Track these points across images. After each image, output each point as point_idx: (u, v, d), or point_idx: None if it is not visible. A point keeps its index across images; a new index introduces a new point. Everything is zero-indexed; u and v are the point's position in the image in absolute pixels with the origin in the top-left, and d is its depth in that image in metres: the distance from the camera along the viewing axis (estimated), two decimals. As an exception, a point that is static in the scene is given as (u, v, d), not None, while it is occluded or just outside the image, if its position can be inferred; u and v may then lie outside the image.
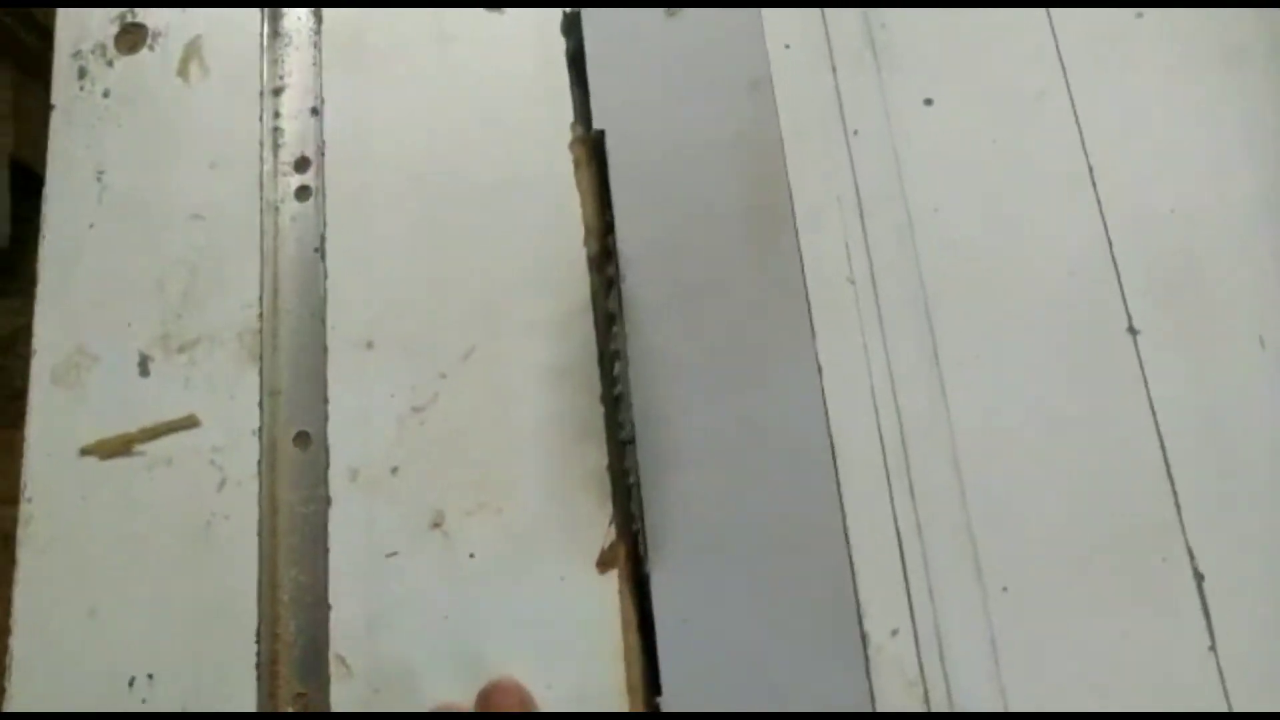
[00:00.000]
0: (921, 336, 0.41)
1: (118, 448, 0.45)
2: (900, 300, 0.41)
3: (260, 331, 0.46)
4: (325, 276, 0.45)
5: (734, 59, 0.46)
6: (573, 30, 0.46)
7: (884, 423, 0.40)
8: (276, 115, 0.49)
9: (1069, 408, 0.38)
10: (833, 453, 0.39)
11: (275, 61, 0.50)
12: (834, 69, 0.43)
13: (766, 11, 0.45)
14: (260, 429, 0.44)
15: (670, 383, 0.40)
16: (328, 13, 0.49)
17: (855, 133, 0.42)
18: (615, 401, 0.41)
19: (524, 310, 0.43)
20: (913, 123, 0.43)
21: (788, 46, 0.44)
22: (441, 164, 0.46)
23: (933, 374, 0.40)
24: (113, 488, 0.43)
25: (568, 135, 0.45)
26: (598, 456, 0.40)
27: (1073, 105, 0.41)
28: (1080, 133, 0.41)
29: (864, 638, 0.37)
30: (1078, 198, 0.41)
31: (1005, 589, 0.37)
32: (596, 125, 0.46)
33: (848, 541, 0.38)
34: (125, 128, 0.50)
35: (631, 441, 0.39)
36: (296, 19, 0.50)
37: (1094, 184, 0.40)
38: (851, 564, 0.38)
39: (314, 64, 0.49)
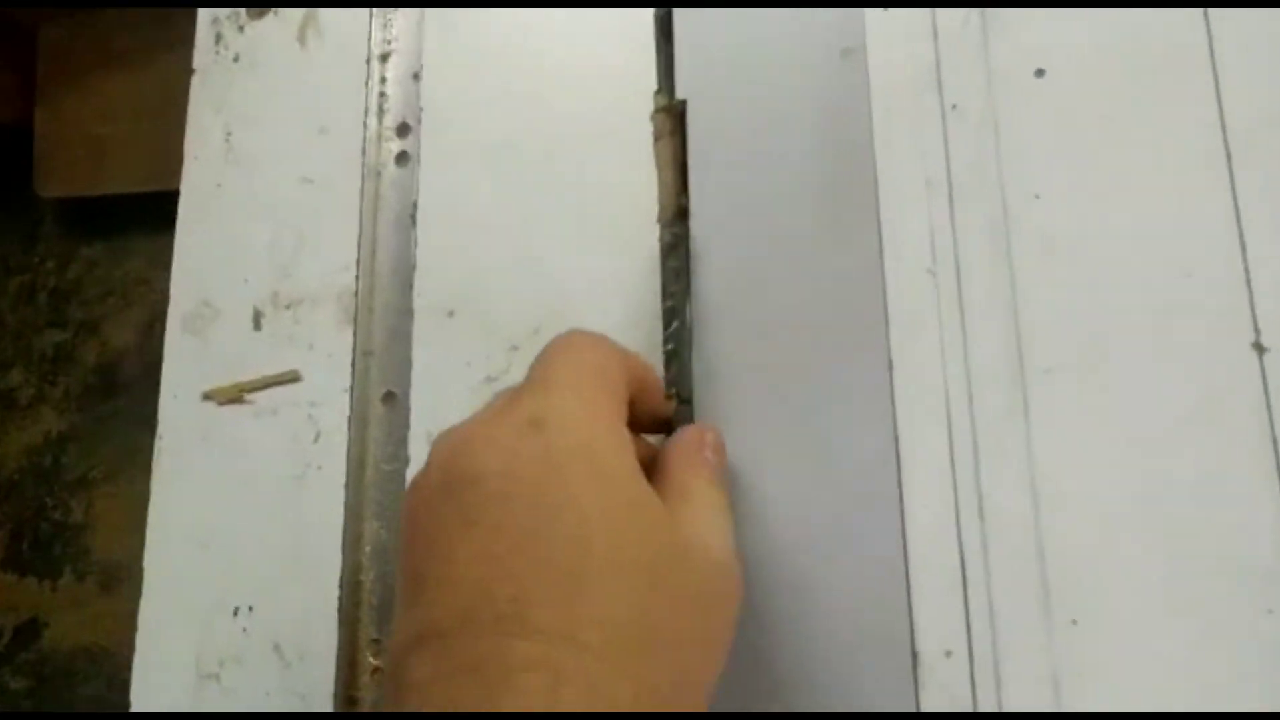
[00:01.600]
0: (1006, 339, 0.34)
1: (232, 395, 0.45)
2: (986, 297, 0.34)
3: (356, 294, 0.44)
4: (415, 244, 0.43)
5: (828, 21, 0.38)
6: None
7: (956, 431, 0.33)
8: (383, 80, 0.44)
9: (1172, 431, 0.31)
10: (897, 456, 0.33)
11: (385, 25, 0.44)
12: (935, 33, 0.34)
13: None
14: (351, 387, 0.43)
15: (733, 372, 0.36)
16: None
17: (954, 107, 0.33)
18: (675, 379, 0.36)
19: (593, 288, 0.40)
20: (1020, 97, 0.35)
21: (886, 7, 0.34)
22: (530, 134, 0.42)
23: (1015, 381, 0.33)
24: (227, 432, 0.44)
25: (648, 101, 0.37)
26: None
27: (1215, 73, 0.30)
28: (1220, 107, 0.30)
29: (915, 656, 0.31)
30: (1208, 186, 0.32)
31: (1075, 622, 0.31)
32: (680, 94, 0.39)
33: (906, 552, 0.33)
34: (250, 92, 0.48)
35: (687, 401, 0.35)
36: None
37: (1230, 170, 0.29)
38: (908, 576, 0.32)
39: (419, 27, 0.43)
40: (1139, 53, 0.33)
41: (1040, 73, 0.33)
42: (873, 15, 0.37)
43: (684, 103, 0.38)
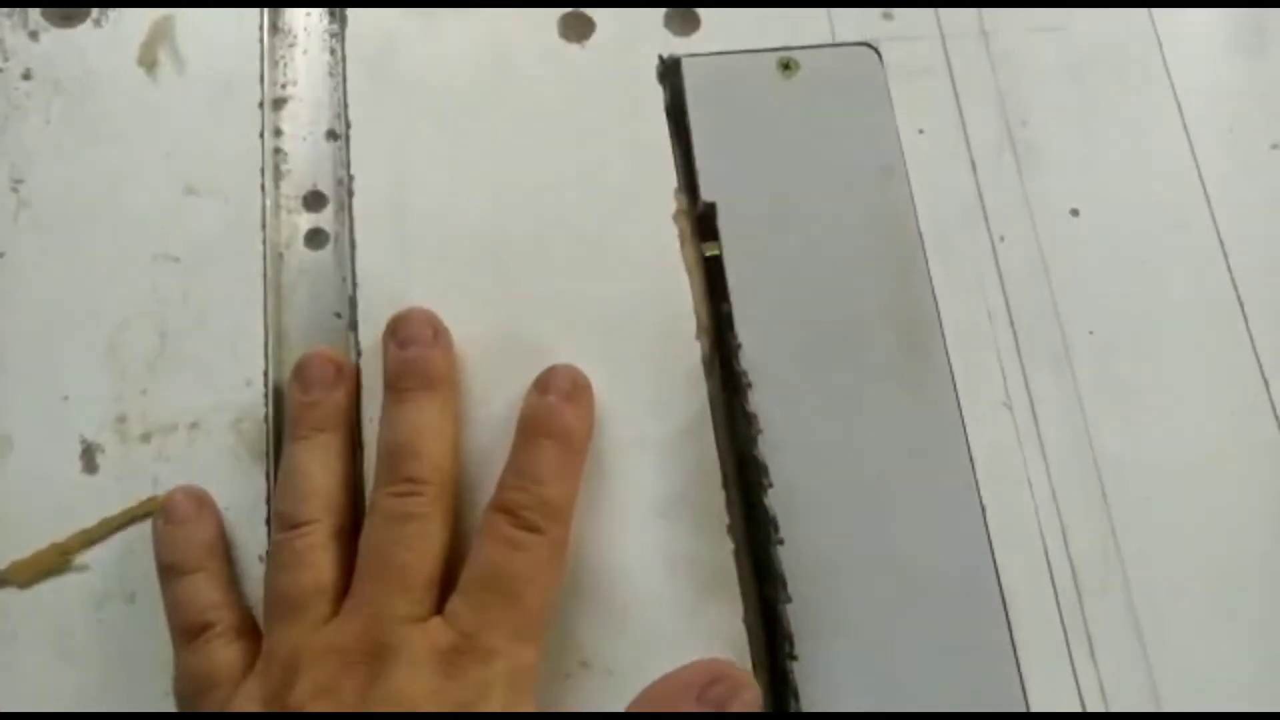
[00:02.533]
0: (1088, 476, 0.34)
1: (48, 564, 0.30)
2: (1063, 435, 0.34)
3: (267, 419, 0.32)
4: (357, 352, 0.31)
5: (862, 135, 0.36)
6: (671, 77, 0.32)
7: (1055, 564, 0.32)
8: (278, 134, 0.31)
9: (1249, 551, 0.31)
10: (1000, 590, 0.31)
11: (276, 64, 0.32)
12: (973, 164, 0.32)
13: (894, 84, 0.32)
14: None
15: (814, 520, 0.31)
16: (355, 14, 0.35)
17: (1002, 239, 0.31)
18: (752, 532, 0.31)
19: (629, 423, 0.31)
20: (1061, 233, 0.35)
21: (921, 131, 0.33)
22: (514, 224, 0.34)
23: (1103, 521, 0.33)
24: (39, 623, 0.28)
25: (668, 200, 0.30)
26: (732, 611, 0.30)
27: (1220, 240, 0.31)
28: (1229, 269, 0.31)
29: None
30: (1229, 332, 0.35)
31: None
32: (705, 195, 0.34)
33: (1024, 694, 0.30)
34: (54, 125, 0.34)
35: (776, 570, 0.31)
36: (307, 15, 0.32)
37: (1246, 320, 0.31)
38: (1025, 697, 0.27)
39: (331, 74, 0.32)
40: (1156, 206, 0.36)
41: (1075, 212, 0.33)
42: (906, 132, 0.36)
43: (713, 206, 0.32)
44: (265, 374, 0.30)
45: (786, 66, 0.34)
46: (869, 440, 0.32)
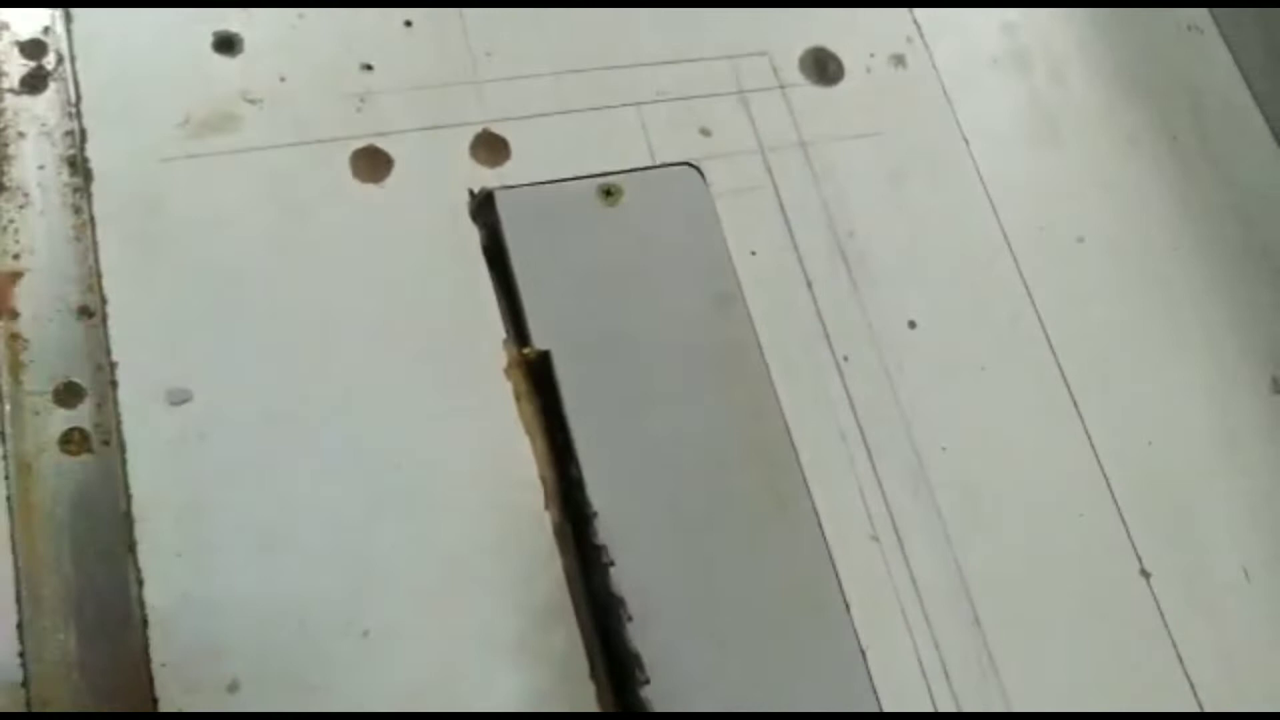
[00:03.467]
0: (959, 599, 0.33)
1: None
2: (932, 561, 0.33)
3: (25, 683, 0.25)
4: (138, 598, 0.26)
5: (695, 260, 0.34)
6: (484, 213, 0.29)
7: (939, 702, 0.31)
8: (14, 316, 0.25)
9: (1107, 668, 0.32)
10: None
11: (4, 230, 0.26)
12: (809, 282, 0.30)
13: (720, 204, 0.30)
14: None
15: (690, 686, 0.28)
16: (102, 163, 0.30)
17: (845, 359, 0.30)
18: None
19: (475, 618, 0.28)
20: (902, 347, 0.35)
21: (753, 253, 0.31)
22: (317, 396, 0.29)
23: (979, 643, 0.32)
24: None
25: (496, 353, 0.27)
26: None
27: (1046, 335, 0.31)
28: (1058, 362, 0.31)
29: None
30: (1068, 433, 0.35)
31: None
32: (536, 343, 0.31)
33: None
34: None
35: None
36: (40, 169, 0.26)
37: (1081, 417, 0.31)
38: None
39: (78, 239, 0.27)
40: (986, 307, 0.36)
41: (913, 324, 0.32)
42: (738, 254, 0.33)
43: (546, 354, 0.29)
44: (18, 629, 0.23)
45: (609, 193, 0.31)
46: (741, 601, 0.30)
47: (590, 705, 0.26)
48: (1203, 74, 0.39)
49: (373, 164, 0.30)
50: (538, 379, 0.30)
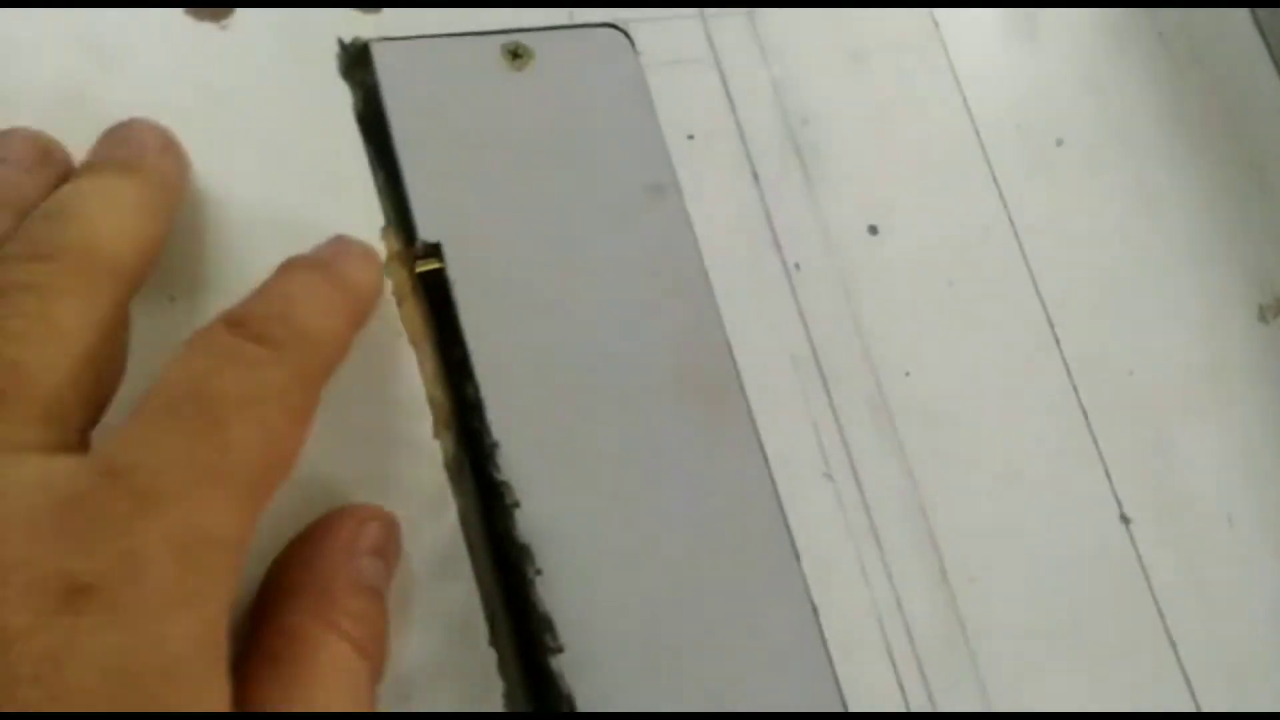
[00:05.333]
0: (923, 549, 0.28)
1: None
2: (890, 501, 0.28)
3: None
4: None
5: (622, 143, 0.28)
6: (359, 70, 0.23)
7: (900, 665, 0.27)
8: None
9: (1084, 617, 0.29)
10: (836, 682, 0.25)
11: None
12: (756, 176, 0.24)
13: (652, 77, 0.24)
14: None
15: (610, 650, 0.23)
16: None
17: (797, 267, 0.24)
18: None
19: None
20: (861, 256, 0.30)
21: (691, 137, 0.28)
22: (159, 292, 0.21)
23: (946, 598, 0.28)
24: None
25: (374, 243, 0.20)
26: None
27: (1021, 249, 0.26)
28: (1034, 281, 0.26)
29: None
30: (1044, 359, 0.31)
31: None
32: (423, 235, 0.25)
33: None
34: None
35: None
36: None
37: (1058, 342, 0.26)
38: None
39: None
40: (955, 216, 0.31)
41: (874, 230, 0.27)
42: (673, 138, 0.28)
43: (436, 247, 0.22)
44: None
45: (516, 54, 0.24)
46: (673, 552, 0.25)
47: (490, 676, 0.20)
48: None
49: (213, -3, 0.23)
50: (425, 279, 0.23)
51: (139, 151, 0.21)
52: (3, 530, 0.14)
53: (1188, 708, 0.27)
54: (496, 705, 0.21)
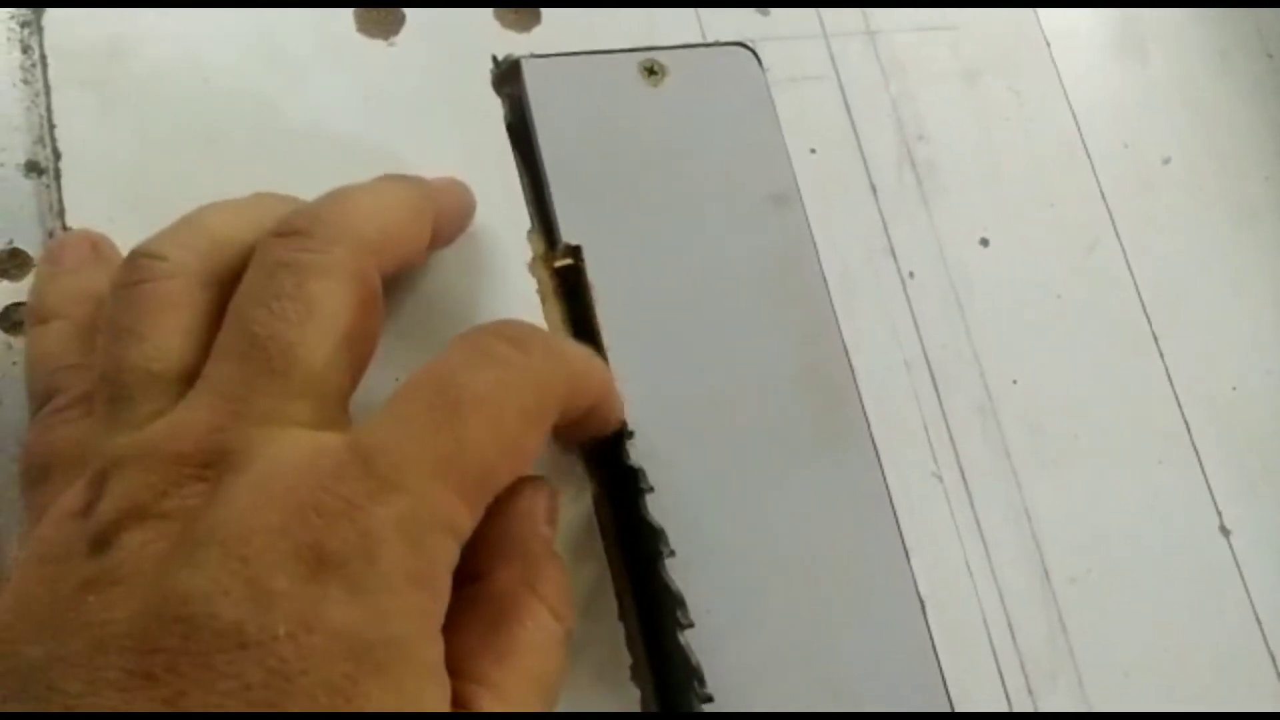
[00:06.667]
0: (1027, 549, 0.29)
1: None
2: (995, 503, 0.29)
3: None
4: None
5: (748, 155, 0.30)
6: (510, 84, 0.24)
7: (1003, 660, 0.28)
8: None
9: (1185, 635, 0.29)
10: (941, 674, 0.26)
11: None
12: (873, 188, 0.26)
13: (777, 94, 0.25)
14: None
15: (735, 631, 0.24)
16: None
17: (911, 275, 0.25)
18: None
19: None
20: (973, 266, 0.31)
21: (813, 151, 0.27)
22: None
23: (1047, 597, 0.29)
24: None
25: (520, 245, 0.22)
26: None
27: (1128, 264, 0.27)
28: (1139, 295, 0.27)
29: None
30: (1147, 372, 0.32)
31: None
32: (565, 238, 0.27)
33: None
34: None
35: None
36: None
37: (1161, 356, 0.26)
38: None
39: (26, 82, 0.26)
40: (1064, 231, 0.32)
41: (985, 242, 0.28)
42: (797, 152, 0.29)
43: (577, 249, 0.24)
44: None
45: (652, 71, 0.25)
46: (791, 541, 0.27)
47: (619, 649, 0.22)
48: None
49: (381, 16, 0.25)
50: (564, 275, 0.25)
51: (421, 177, 0.22)
52: (271, 499, 0.16)
53: (1285, 715, 0.27)
54: (624, 677, 0.23)
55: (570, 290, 0.25)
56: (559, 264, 0.25)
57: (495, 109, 0.26)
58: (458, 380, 0.17)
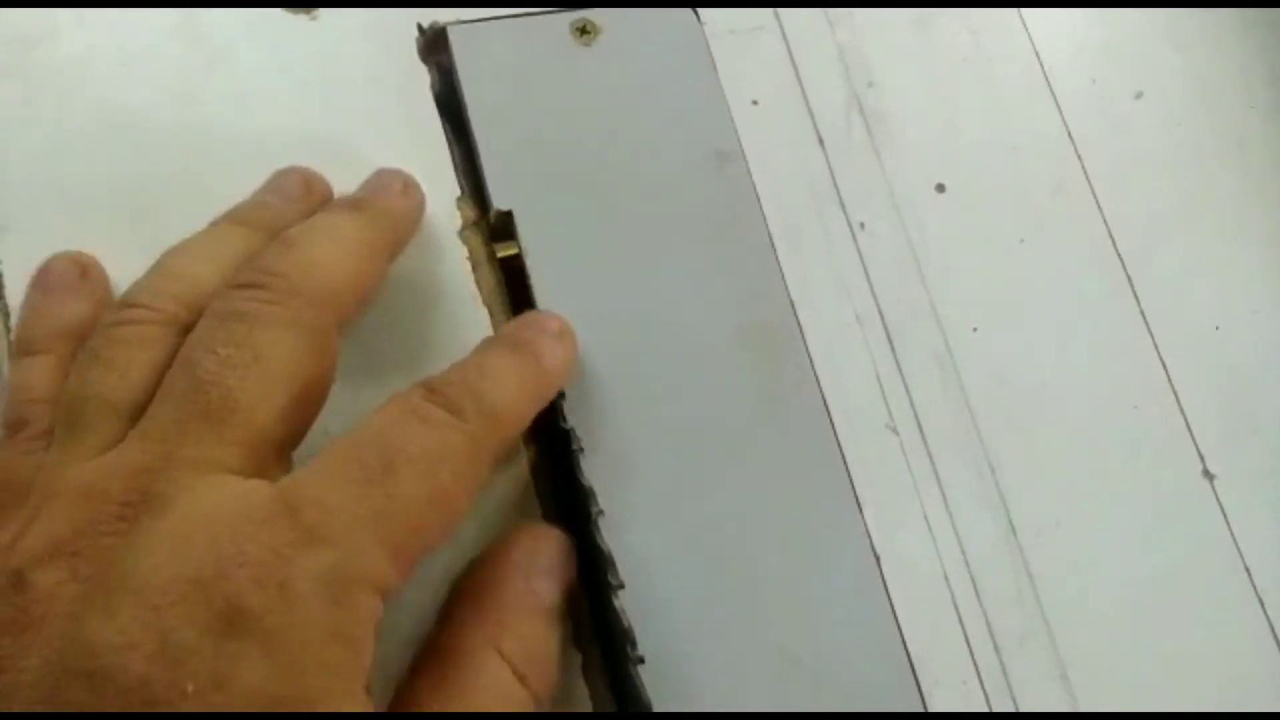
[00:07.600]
0: (991, 501, 0.28)
1: None
2: (955, 455, 0.28)
3: None
4: None
5: (686, 112, 0.29)
6: (436, 52, 0.23)
7: (967, 620, 0.27)
8: None
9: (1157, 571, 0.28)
10: (905, 649, 0.25)
11: None
12: (820, 139, 0.24)
13: (716, 45, 0.24)
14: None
15: (672, 591, 0.24)
16: None
17: (862, 226, 0.24)
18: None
19: None
20: (928, 214, 0.30)
21: (755, 103, 0.29)
22: None
23: (1014, 551, 0.28)
24: None
25: (450, 212, 0.25)
26: None
27: (1098, 204, 0.25)
28: (1111, 236, 0.25)
29: None
30: (1121, 314, 0.30)
31: None
32: (497, 203, 0.27)
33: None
34: None
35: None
36: None
37: (1136, 297, 0.25)
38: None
39: None
40: (1025, 173, 0.31)
41: (941, 188, 0.26)
42: (737, 104, 0.28)
43: (509, 215, 0.23)
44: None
45: (584, 30, 0.25)
46: (735, 499, 0.26)
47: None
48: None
49: (303, -10, 0.25)
50: (498, 242, 0.24)
51: (375, 192, 0.23)
52: (190, 548, 0.16)
53: (1277, 664, 0.26)
54: (567, 641, 0.22)
55: (505, 259, 0.25)
56: (501, 252, 0.25)
57: (422, 77, 0.26)
58: (391, 442, 0.17)
